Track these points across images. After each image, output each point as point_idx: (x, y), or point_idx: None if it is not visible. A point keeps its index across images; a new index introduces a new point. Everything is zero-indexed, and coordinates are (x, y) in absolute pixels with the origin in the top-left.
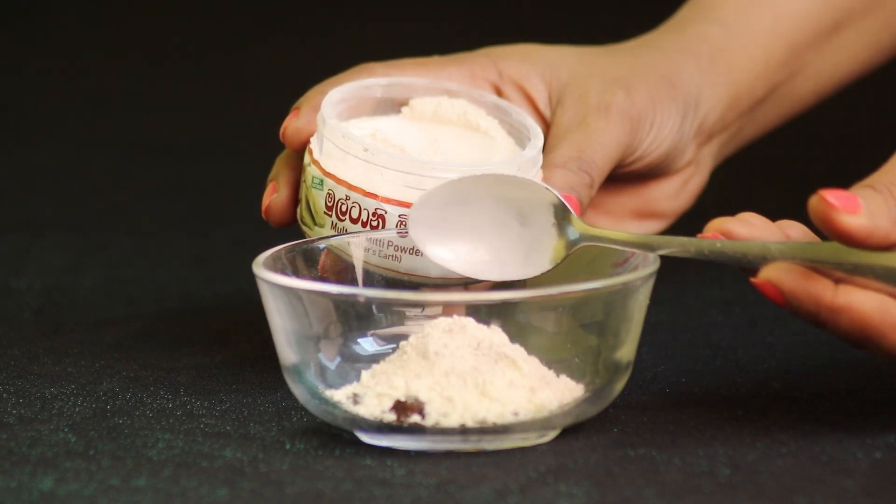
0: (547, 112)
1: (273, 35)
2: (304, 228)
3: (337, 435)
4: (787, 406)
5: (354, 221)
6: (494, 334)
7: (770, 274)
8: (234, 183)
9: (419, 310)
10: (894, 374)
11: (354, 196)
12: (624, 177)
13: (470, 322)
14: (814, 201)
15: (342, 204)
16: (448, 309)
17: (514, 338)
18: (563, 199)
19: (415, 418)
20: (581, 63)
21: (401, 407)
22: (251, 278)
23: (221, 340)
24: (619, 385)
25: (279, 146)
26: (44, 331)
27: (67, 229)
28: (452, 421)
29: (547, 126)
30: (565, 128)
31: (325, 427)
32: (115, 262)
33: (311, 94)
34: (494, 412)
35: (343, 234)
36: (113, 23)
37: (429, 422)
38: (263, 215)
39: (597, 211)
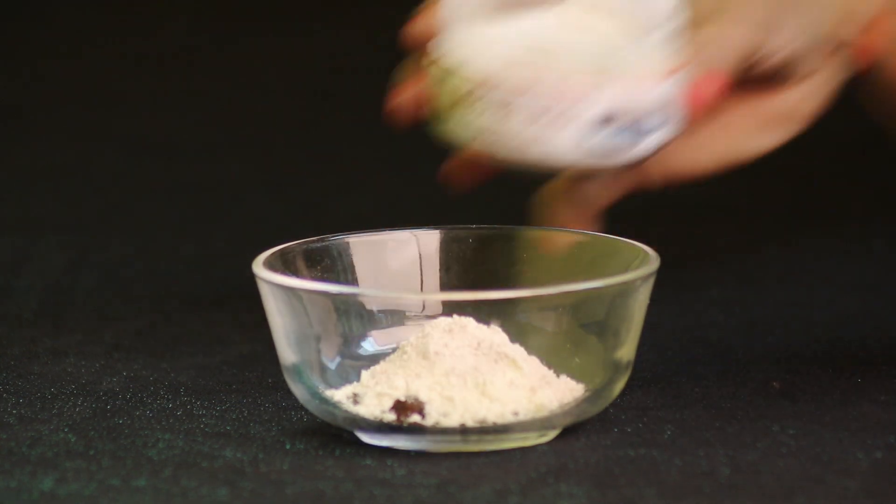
0: None
1: (274, 35)
2: (433, 126)
3: (337, 435)
4: (787, 406)
5: (482, 115)
6: (494, 334)
7: None
8: (234, 183)
9: (419, 310)
10: (894, 374)
11: (483, 90)
12: (749, 81)
13: (470, 322)
14: None
15: (470, 97)
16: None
17: (514, 338)
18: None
19: (415, 418)
20: None
21: (401, 407)
22: (251, 278)
23: (221, 340)
24: (619, 385)
25: (279, 147)
26: (44, 331)
27: (67, 229)
28: (452, 421)
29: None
30: (696, 20)
31: (325, 427)
32: (115, 262)
33: None
34: (494, 412)
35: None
36: (113, 22)
37: (429, 422)
38: (386, 118)
39: (714, 124)
